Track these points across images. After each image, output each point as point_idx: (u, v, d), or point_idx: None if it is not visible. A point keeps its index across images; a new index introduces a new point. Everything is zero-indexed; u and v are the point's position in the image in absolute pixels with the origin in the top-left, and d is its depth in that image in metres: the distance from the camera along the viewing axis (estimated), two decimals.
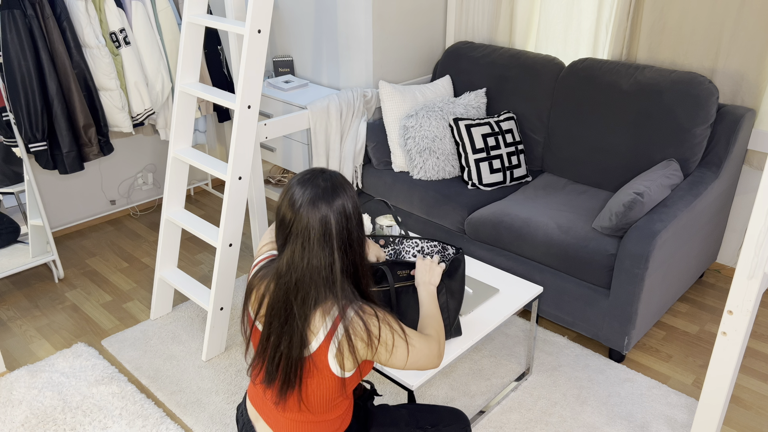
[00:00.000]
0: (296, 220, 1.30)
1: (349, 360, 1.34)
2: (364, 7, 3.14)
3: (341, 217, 1.30)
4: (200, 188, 4.11)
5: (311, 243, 1.29)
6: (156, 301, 2.78)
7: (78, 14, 2.75)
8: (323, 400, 1.40)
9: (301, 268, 1.30)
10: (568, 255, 2.46)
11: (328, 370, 1.35)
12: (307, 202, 1.29)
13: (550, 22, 3.22)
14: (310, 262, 1.30)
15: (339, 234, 1.31)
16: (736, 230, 2.98)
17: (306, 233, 1.29)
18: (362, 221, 1.37)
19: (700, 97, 2.58)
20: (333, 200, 1.30)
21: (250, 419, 1.55)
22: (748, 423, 2.23)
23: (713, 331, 2.70)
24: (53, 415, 2.27)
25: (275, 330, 1.35)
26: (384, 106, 3.13)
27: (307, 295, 1.31)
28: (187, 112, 2.55)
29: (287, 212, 1.32)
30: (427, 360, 1.45)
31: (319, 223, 1.29)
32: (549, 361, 2.51)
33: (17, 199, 2.88)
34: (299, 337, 1.33)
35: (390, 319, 1.38)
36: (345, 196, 1.32)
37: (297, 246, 1.30)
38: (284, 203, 1.33)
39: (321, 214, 1.29)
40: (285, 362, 1.35)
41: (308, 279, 1.31)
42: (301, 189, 1.32)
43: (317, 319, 1.32)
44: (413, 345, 1.40)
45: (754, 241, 1.56)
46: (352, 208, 1.33)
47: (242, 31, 2.24)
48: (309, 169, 1.38)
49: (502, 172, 2.96)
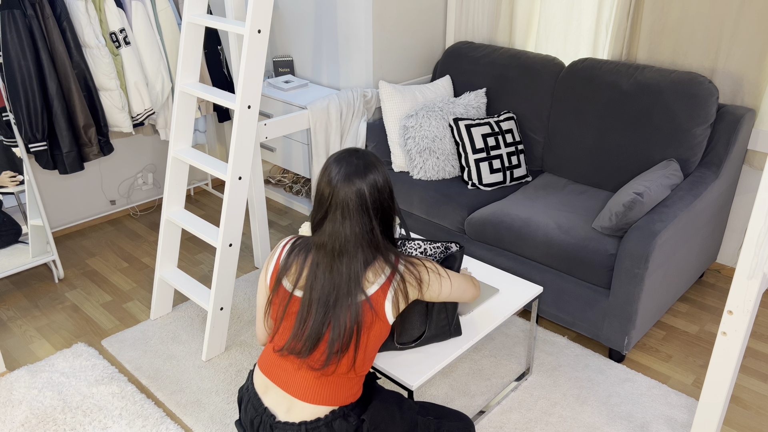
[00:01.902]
0: (334, 194, 1.47)
1: (402, 303, 1.52)
2: (364, 7, 3.14)
3: (374, 190, 1.48)
4: (200, 188, 4.11)
5: (351, 212, 1.46)
6: (156, 301, 2.78)
7: (78, 14, 2.75)
8: (373, 353, 1.55)
9: (344, 235, 1.47)
10: (568, 255, 2.46)
11: (384, 315, 1.50)
12: (343, 178, 1.47)
13: (550, 22, 3.22)
14: (353, 229, 1.47)
15: (374, 203, 1.48)
16: (736, 230, 2.98)
17: (345, 204, 1.46)
18: (392, 193, 1.54)
19: (700, 97, 2.58)
20: (366, 175, 1.48)
21: (257, 392, 1.56)
22: (748, 423, 2.23)
23: (713, 331, 2.70)
24: (53, 415, 2.27)
25: (319, 297, 1.48)
26: (384, 106, 3.13)
27: (353, 257, 1.47)
28: (187, 112, 2.55)
29: (326, 188, 1.49)
30: (466, 293, 1.74)
31: (356, 195, 1.46)
32: (549, 361, 2.51)
33: (17, 199, 2.88)
34: (349, 297, 1.46)
35: (432, 264, 1.60)
36: (377, 172, 1.50)
37: (337, 216, 1.47)
38: (323, 180, 1.50)
39: (356, 188, 1.46)
40: (334, 324, 1.47)
41: (352, 244, 1.47)
42: (338, 167, 1.49)
43: (371, 275, 1.49)
44: (454, 283, 1.66)
45: (754, 241, 1.56)
46: (383, 182, 1.50)
47: (242, 31, 2.24)
48: (344, 149, 1.55)
49: (502, 172, 2.96)
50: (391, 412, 1.58)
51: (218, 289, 2.46)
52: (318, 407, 1.50)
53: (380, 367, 1.86)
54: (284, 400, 1.52)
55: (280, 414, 1.52)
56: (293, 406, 1.51)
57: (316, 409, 1.50)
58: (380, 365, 1.86)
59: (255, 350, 2.60)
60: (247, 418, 1.56)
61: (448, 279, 1.63)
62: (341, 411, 1.52)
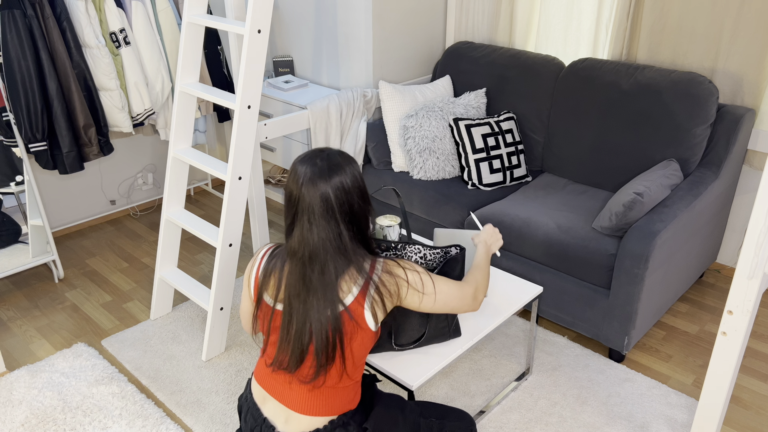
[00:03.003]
0: (300, 198, 1.41)
1: (381, 314, 1.45)
2: (364, 7, 3.14)
3: (340, 192, 1.41)
4: (200, 188, 4.11)
5: (317, 218, 1.40)
6: (156, 301, 2.78)
7: (78, 14, 2.75)
8: (362, 360, 1.50)
9: (312, 242, 1.40)
10: (568, 255, 2.46)
11: (366, 325, 1.44)
12: (307, 181, 1.40)
13: (550, 22, 3.22)
14: (320, 235, 1.40)
15: (340, 207, 1.41)
16: (736, 230, 2.98)
17: (310, 209, 1.40)
18: (364, 194, 1.46)
19: (700, 97, 2.58)
20: (330, 178, 1.40)
21: (256, 402, 1.55)
22: (748, 423, 2.23)
23: (713, 331, 2.70)
24: (53, 415, 2.27)
25: (297, 309, 1.42)
26: (384, 106, 3.13)
27: (325, 265, 1.41)
28: (187, 112, 2.55)
29: (292, 191, 1.43)
30: (459, 302, 1.60)
31: (320, 199, 1.39)
32: (549, 361, 2.51)
33: (17, 199, 2.88)
34: (327, 308, 1.40)
35: (416, 275, 1.50)
36: (343, 173, 1.42)
37: (304, 222, 1.41)
38: (289, 183, 1.44)
39: (321, 191, 1.39)
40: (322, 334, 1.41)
41: (322, 251, 1.40)
42: (302, 169, 1.42)
43: (345, 285, 1.42)
44: (439, 299, 1.54)
45: (754, 241, 1.56)
46: (350, 183, 1.43)
47: (242, 31, 2.24)
48: (310, 150, 1.49)
49: (502, 172, 2.96)
50: (394, 417, 1.57)
51: (218, 289, 2.46)
52: (316, 419, 1.48)
53: (380, 367, 1.86)
54: (282, 412, 1.50)
55: (279, 424, 1.50)
56: (291, 417, 1.49)
57: (314, 420, 1.48)
58: (380, 365, 1.86)
59: (255, 350, 2.60)
60: (247, 427, 1.56)
61: (432, 295, 1.52)
62: (340, 420, 1.50)
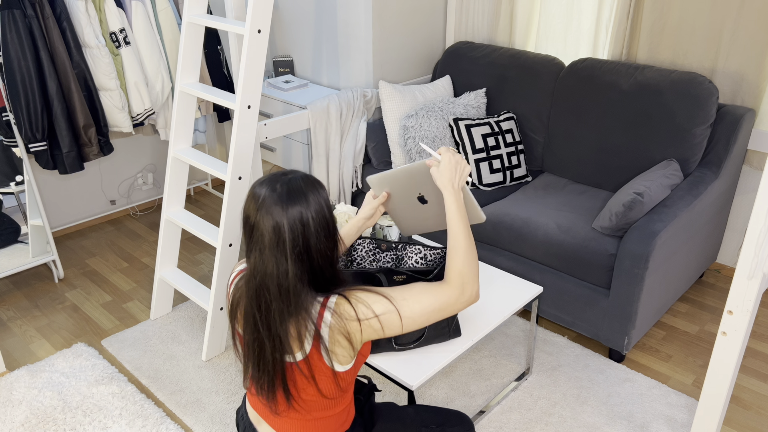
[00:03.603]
0: (255, 225, 1.25)
1: (347, 352, 1.30)
2: (364, 7, 3.14)
3: (296, 224, 1.23)
4: (200, 188, 4.11)
5: (265, 249, 1.24)
6: (156, 301, 2.78)
7: (78, 14, 2.75)
8: (320, 400, 1.39)
9: (261, 274, 1.26)
10: (568, 255, 2.46)
11: (328, 371, 1.32)
12: (261, 208, 1.24)
13: (550, 22, 3.22)
14: (267, 269, 1.25)
15: (293, 241, 1.24)
16: (736, 230, 2.98)
17: (261, 239, 1.24)
18: (329, 229, 1.28)
19: (700, 97, 2.58)
20: (288, 207, 1.23)
21: (252, 422, 1.54)
22: (748, 423, 2.23)
23: (713, 331, 2.70)
24: (53, 415, 2.27)
25: (249, 339, 1.32)
26: (384, 106, 3.13)
27: (270, 303, 1.26)
28: (187, 112, 2.55)
29: (246, 218, 1.28)
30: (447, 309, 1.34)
31: (272, 230, 1.23)
32: (549, 361, 2.51)
33: (17, 199, 2.88)
34: (274, 346, 1.28)
35: (370, 296, 1.29)
36: (304, 203, 1.24)
37: (257, 251, 1.26)
38: (246, 207, 1.29)
39: (274, 221, 1.23)
40: (267, 372, 1.31)
41: (266, 286, 1.26)
42: (259, 193, 1.26)
43: (293, 330, 1.27)
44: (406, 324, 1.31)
45: (754, 241, 1.56)
46: (312, 214, 1.25)
47: (242, 31, 2.24)
48: (271, 173, 1.31)
49: (502, 172, 2.96)
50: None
51: (218, 289, 2.46)
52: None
53: (380, 367, 1.86)
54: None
55: None
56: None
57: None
58: (380, 365, 1.86)
59: None
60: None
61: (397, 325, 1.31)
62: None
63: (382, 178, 1.65)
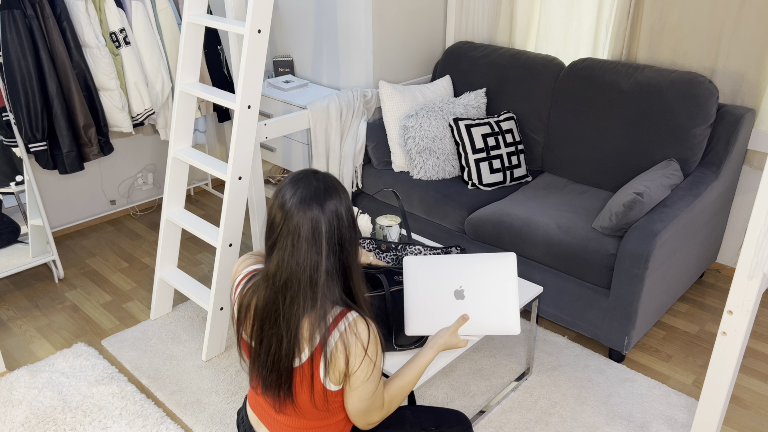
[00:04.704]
0: (287, 219, 1.28)
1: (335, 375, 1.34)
2: (364, 7, 3.14)
3: (333, 218, 1.29)
4: (200, 188, 4.11)
5: (300, 241, 1.27)
6: (156, 301, 2.78)
7: (78, 14, 2.75)
8: (317, 410, 1.40)
9: (290, 267, 1.28)
10: (568, 255, 2.46)
11: (319, 382, 1.34)
12: (298, 202, 1.28)
13: (550, 22, 3.22)
14: (298, 261, 1.28)
15: (329, 234, 1.29)
16: (736, 230, 2.98)
17: (296, 231, 1.27)
18: (355, 224, 1.34)
19: (700, 97, 2.58)
20: (325, 201, 1.29)
21: (252, 425, 1.54)
22: (748, 423, 2.23)
23: (713, 331, 2.70)
24: (53, 415, 2.27)
25: (266, 333, 1.33)
26: (384, 106, 3.13)
27: (296, 296, 1.29)
28: (187, 112, 2.55)
29: (278, 212, 1.30)
30: (367, 413, 1.40)
31: (309, 223, 1.27)
32: (549, 361, 2.51)
33: (17, 199, 2.88)
34: (290, 342, 1.31)
35: (379, 347, 1.35)
36: (338, 198, 1.30)
37: (287, 244, 1.28)
38: (275, 203, 1.32)
39: (312, 214, 1.27)
40: (277, 369, 1.33)
41: (295, 279, 1.29)
42: (293, 188, 1.30)
43: (306, 330, 1.30)
44: (374, 388, 1.38)
45: (754, 241, 1.56)
46: (344, 211, 1.31)
47: (242, 31, 2.24)
48: (302, 169, 1.36)
49: (502, 172, 2.96)
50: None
51: (218, 289, 2.46)
52: None
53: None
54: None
55: None
56: None
57: None
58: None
59: None
60: None
61: (376, 378, 1.39)
62: None
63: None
